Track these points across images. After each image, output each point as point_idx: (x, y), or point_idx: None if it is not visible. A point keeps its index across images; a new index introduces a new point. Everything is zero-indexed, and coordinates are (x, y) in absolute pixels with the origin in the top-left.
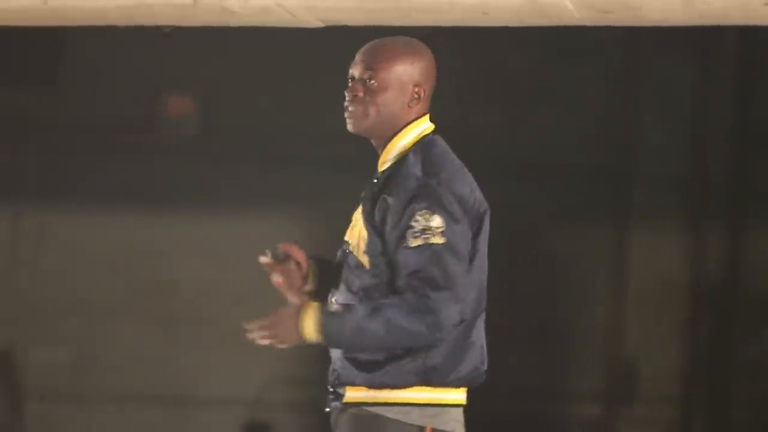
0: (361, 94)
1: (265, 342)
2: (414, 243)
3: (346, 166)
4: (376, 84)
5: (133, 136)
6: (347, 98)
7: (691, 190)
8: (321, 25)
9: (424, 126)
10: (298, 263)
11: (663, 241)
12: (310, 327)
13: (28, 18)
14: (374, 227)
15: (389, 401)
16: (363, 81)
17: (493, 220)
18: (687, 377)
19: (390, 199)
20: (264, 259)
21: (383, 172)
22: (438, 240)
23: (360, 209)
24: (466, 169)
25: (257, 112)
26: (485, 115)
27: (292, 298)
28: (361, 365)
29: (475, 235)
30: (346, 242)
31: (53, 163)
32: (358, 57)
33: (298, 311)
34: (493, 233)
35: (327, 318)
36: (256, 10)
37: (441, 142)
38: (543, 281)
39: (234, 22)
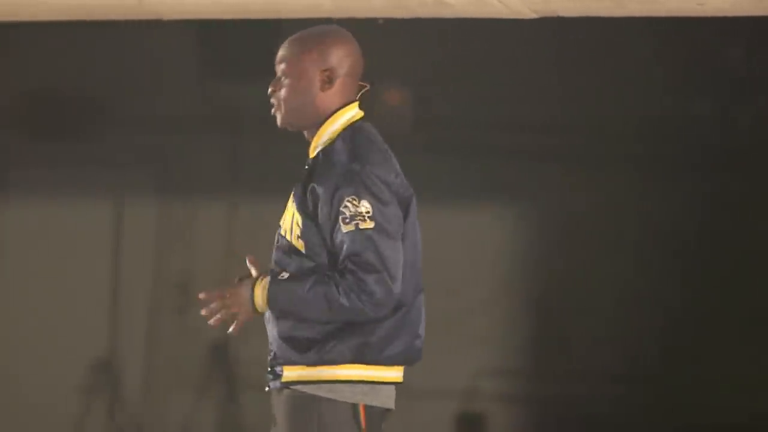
0: (275, 90)
1: (217, 322)
2: (346, 229)
3: (553, 158)
4: (285, 78)
5: None
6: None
7: None
8: (534, 16)
9: (351, 113)
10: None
11: None
12: (260, 297)
13: (243, 11)
14: (307, 214)
15: (323, 379)
16: (278, 77)
17: (707, 208)
18: None
19: (319, 188)
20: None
21: (314, 158)
22: (368, 224)
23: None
24: (391, 154)
25: (469, 104)
26: (700, 105)
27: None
28: (297, 344)
29: (404, 218)
30: (280, 226)
31: (270, 154)
32: (279, 52)
33: (250, 283)
34: (715, 221)
35: (273, 285)
36: (470, 1)
37: (368, 128)
38: None
39: (447, 13)
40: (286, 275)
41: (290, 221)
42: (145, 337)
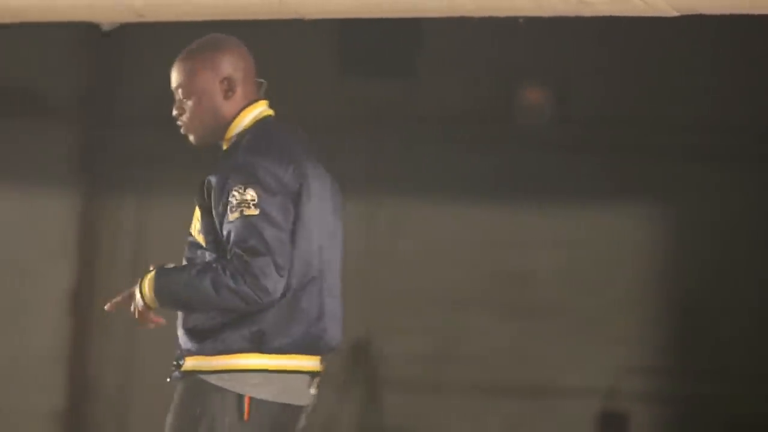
0: (180, 114)
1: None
2: (232, 216)
3: (696, 157)
4: (187, 99)
5: (487, 127)
6: (176, 113)
7: None
8: (676, 14)
9: (258, 111)
10: None
11: None
12: (146, 287)
13: (383, 10)
14: (204, 207)
15: (219, 369)
16: (180, 99)
17: None
18: None
19: (212, 180)
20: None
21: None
22: (252, 211)
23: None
24: (291, 148)
25: (609, 102)
26: None
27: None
28: (196, 334)
29: (295, 207)
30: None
31: (410, 153)
32: (173, 70)
33: (141, 278)
34: None
35: (160, 276)
36: None
37: (272, 123)
38: None
39: (587, 12)
40: (171, 265)
41: (195, 218)
42: None
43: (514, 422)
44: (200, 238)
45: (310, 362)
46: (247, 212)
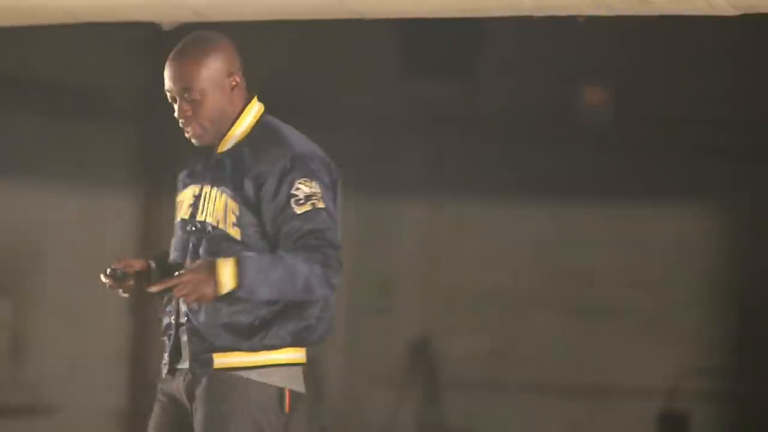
0: (190, 113)
1: (181, 296)
2: (301, 210)
3: (758, 156)
4: (198, 97)
5: (548, 126)
6: (180, 119)
7: None
8: (735, 13)
9: (256, 109)
10: (138, 272)
11: None
12: (227, 276)
13: (444, 10)
14: (245, 201)
15: (261, 364)
16: (186, 99)
17: None
18: None
19: (263, 174)
20: (104, 279)
21: (228, 153)
22: (321, 204)
23: (194, 190)
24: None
25: (669, 101)
26: None
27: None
28: (238, 330)
29: (333, 203)
30: (198, 221)
31: (470, 154)
32: (168, 76)
33: (206, 265)
34: None
35: (250, 265)
36: None
37: (279, 120)
38: None
39: (648, 11)
40: (252, 254)
41: (222, 212)
42: (347, 337)
43: (574, 422)
44: (234, 232)
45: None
46: (318, 205)
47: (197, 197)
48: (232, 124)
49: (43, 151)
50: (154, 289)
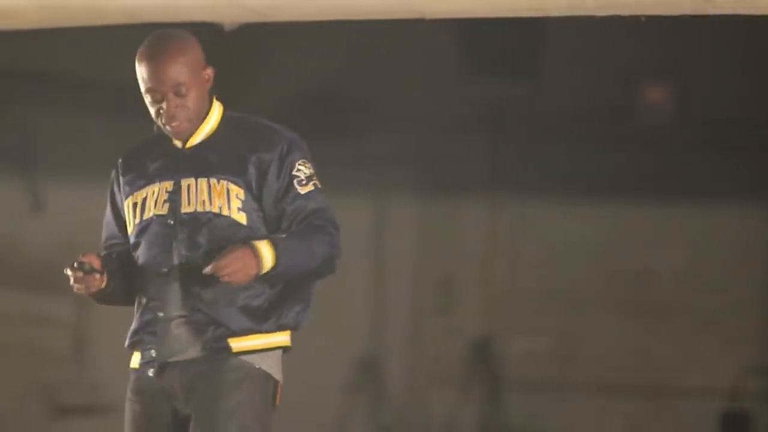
0: (178, 108)
1: (226, 279)
2: (304, 190)
3: None
4: (185, 92)
5: (609, 126)
6: (164, 114)
7: None
8: None
9: (218, 104)
10: (98, 270)
11: None
12: (267, 255)
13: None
14: (249, 186)
15: (275, 346)
16: (177, 95)
17: None
18: None
19: (266, 158)
20: (69, 272)
21: (203, 145)
22: (319, 185)
23: (163, 186)
24: None
25: (731, 101)
26: None
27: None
28: (253, 313)
29: None
30: (186, 213)
31: (531, 153)
32: (152, 74)
33: (251, 247)
34: None
35: (281, 244)
36: None
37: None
38: None
39: (711, 10)
40: (282, 235)
41: (223, 200)
42: (408, 336)
43: (635, 422)
44: (239, 216)
45: None
46: (318, 185)
47: (173, 192)
48: (203, 119)
49: (106, 149)
50: (208, 270)
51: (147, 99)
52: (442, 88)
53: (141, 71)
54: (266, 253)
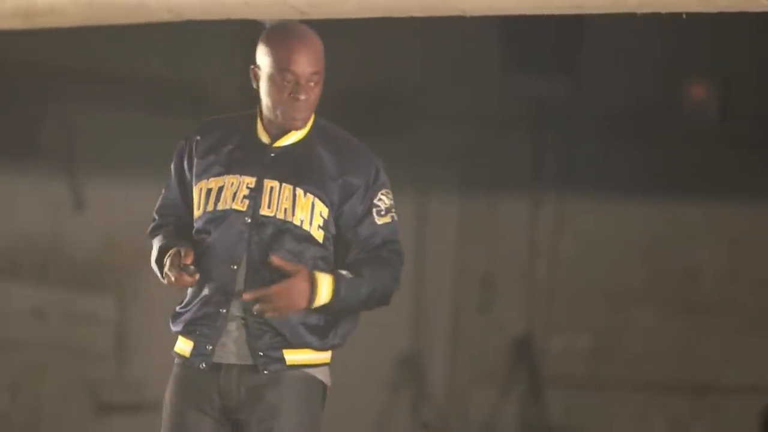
0: (311, 95)
1: (271, 314)
2: (382, 221)
3: None
4: (317, 79)
5: (650, 124)
6: (300, 99)
7: None
8: None
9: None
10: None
11: None
12: (324, 291)
13: (546, 7)
14: (333, 205)
15: (320, 362)
16: (312, 83)
17: None
18: None
19: (355, 183)
20: (172, 274)
21: (289, 148)
22: (396, 217)
23: (245, 180)
24: None
25: None
26: None
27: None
28: (314, 329)
29: None
30: (265, 216)
31: (572, 151)
32: (301, 59)
33: (308, 278)
34: None
35: (344, 285)
36: None
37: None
38: None
39: (753, 7)
40: (345, 272)
41: (308, 212)
42: (449, 333)
43: (678, 420)
44: (318, 234)
45: None
46: (395, 217)
47: (255, 190)
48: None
49: (149, 148)
50: (248, 297)
51: (276, 81)
52: (483, 86)
53: (281, 52)
54: (324, 290)
